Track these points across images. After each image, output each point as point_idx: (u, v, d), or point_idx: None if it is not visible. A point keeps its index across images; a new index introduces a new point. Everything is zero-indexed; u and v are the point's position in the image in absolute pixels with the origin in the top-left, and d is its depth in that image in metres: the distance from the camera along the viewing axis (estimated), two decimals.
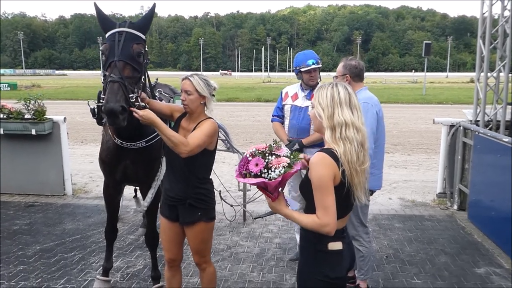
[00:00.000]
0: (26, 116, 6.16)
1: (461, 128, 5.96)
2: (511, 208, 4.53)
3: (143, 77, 2.99)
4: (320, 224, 2.04)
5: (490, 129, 5.97)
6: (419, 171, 8.81)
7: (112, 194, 3.72)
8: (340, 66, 3.61)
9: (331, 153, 2.08)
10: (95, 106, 3.00)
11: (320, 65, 4.16)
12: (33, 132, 6.06)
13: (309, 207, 2.16)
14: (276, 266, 4.37)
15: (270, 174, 2.04)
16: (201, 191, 2.93)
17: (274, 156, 2.09)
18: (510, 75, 5.93)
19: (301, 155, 2.24)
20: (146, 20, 3.05)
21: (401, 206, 6.32)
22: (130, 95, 2.74)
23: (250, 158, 2.10)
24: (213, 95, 2.94)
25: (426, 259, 4.53)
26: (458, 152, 6.03)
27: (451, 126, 6.17)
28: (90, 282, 3.98)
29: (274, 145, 2.15)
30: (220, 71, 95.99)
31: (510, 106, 6.03)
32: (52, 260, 4.42)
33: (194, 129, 2.88)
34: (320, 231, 2.07)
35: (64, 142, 6.40)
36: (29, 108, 6.10)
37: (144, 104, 2.90)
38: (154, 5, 3.16)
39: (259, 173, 2.06)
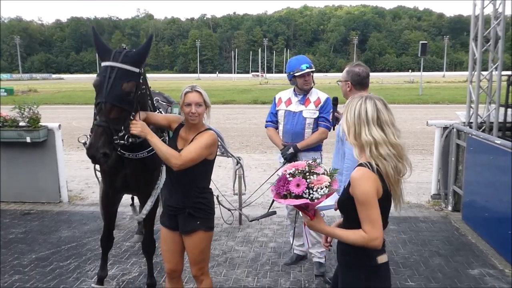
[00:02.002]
0: (20, 124, 6.17)
1: (454, 130, 5.99)
2: (504, 209, 4.57)
3: (133, 113, 2.92)
4: (369, 238, 2.03)
5: (483, 131, 6.01)
6: (415, 172, 8.82)
7: (111, 202, 3.73)
8: (344, 71, 3.55)
9: (370, 166, 2.06)
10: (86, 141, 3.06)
11: (313, 69, 4.20)
12: (28, 139, 6.06)
13: (350, 223, 2.14)
14: (271, 271, 4.39)
15: (313, 194, 2.01)
16: (200, 200, 2.94)
17: (314, 175, 2.05)
18: (502, 76, 5.99)
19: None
20: (142, 53, 2.97)
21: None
22: (115, 137, 2.79)
23: (290, 179, 2.04)
24: None
25: (420, 261, 4.55)
26: (451, 154, 6.07)
27: (445, 128, 6.20)
28: None
29: (314, 163, 2.10)
30: (252, 73, 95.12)
31: (502, 108, 6.08)
32: (48, 269, 4.43)
33: (193, 139, 2.89)
34: (368, 246, 2.05)
35: (59, 149, 6.41)
36: (23, 115, 6.12)
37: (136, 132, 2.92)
38: (150, 37, 3.07)
39: (300, 194, 2.01)
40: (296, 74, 4.14)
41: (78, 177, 8.32)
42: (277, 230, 5.46)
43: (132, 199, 5.14)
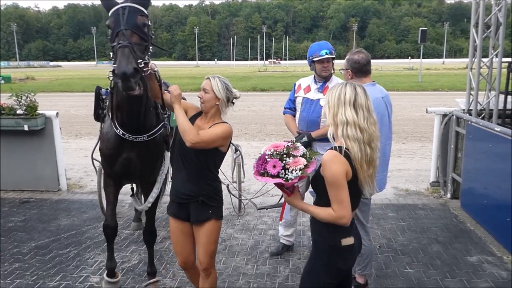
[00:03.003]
0: (18, 112, 6.14)
1: (454, 117, 5.97)
2: (503, 196, 4.58)
3: (150, 47, 2.99)
4: (337, 216, 2.19)
5: (483, 118, 6.00)
6: (413, 160, 8.85)
7: (113, 191, 3.64)
8: (345, 59, 3.52)
9: (341, 150, 2.20)
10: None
11: (334, 56, 4.07)
12: (26, 128, 6.04)
13: (320, 200, 2.30)
14: (270, 258, 4.40)
15: (288, 175, 2.14)
16: (212, 188, 2.94)
17: (291, 157, 2.18)
18: (502, 63, 5.95)
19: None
20: None
21: (394, 195, 6.36)
22: (138, 61, 2.74)
23: (268, 159, 2.19)
24: (233, 102, 2.99)
25: (418, 248, 4.57)
26: (451, 141, 6.06)
27: (444, 115, 6.18)
28: (86, 278, 4.01)
29: (292, 146, 2.22)
30: (269, 60, 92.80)
31: (502, 95, 6.06)
32: (48, 257, 4.44)
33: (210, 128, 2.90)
34: (337, 223, 2.22)
35: (57, 137, 6.39)
36: (20, 103, 6.08)
37: (155, 70, 2.91)
38: None
39: (276, 174, 2.16)
40: (315, 59, 4.04)
41: (76, 165, 8.31)
42: (276, 218, 5.46)
43: (132, 189, 5.13)
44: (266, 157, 2.20)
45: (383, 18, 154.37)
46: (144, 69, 2.80)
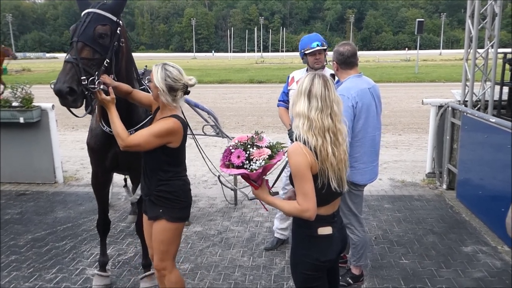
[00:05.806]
0: (13, 104, 6.11)
1: (450, 108, 5.98)
2: (497, 187, 4.60)
3: (107, 60, 2.87)
4: (301, 210, 2.15)
5: (478, 109, 6.01)
6: (410, 151, 8.87)
7: (102, 183, 3.63)
8: (333, 51, 3.55)
9: (305, 141, 2.17)
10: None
11: (325, 47, 4.06)
12: (21, 120, 6.02)
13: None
14: (266, 250, 4.41)
15: (252, 165, 2.15)
16: (163, 188, 2.78)
17: (255, 148, 2.18)
18: (498, 54, 5.95)
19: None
20: (119, 1, 3.00)
21: (391, 186, 6.38)
22: (83, 77, 2.70)
23: (232, 150, 2.20)
24: (186, 92, 2.78)
25: (414, 239, 4.60)
26: (446, 132, 6.07)
27: (440, 106, 6.19)
28: (82, 271, 4.02)
29: (256, 136, 2.23)
30: None
31: (498, 86, 6.06)
32: (44, 249, 4.45)
33: None
34: (301, 217, 2.17)
35: (53, 130, 6.37)
36: (16, 95, 6.06)
37: (106, 88, 2.82)
38: None
39: (241, 165, 2.16)
40: (307, 52, 4.03)
41: (73, 157, 8.30)
42: (272, 210, 5.44)
43: (125, 180, 5.12)
44: (230, 147, 2.22)
45: (380, 9, 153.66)
46: (90, 86, 2.73)
